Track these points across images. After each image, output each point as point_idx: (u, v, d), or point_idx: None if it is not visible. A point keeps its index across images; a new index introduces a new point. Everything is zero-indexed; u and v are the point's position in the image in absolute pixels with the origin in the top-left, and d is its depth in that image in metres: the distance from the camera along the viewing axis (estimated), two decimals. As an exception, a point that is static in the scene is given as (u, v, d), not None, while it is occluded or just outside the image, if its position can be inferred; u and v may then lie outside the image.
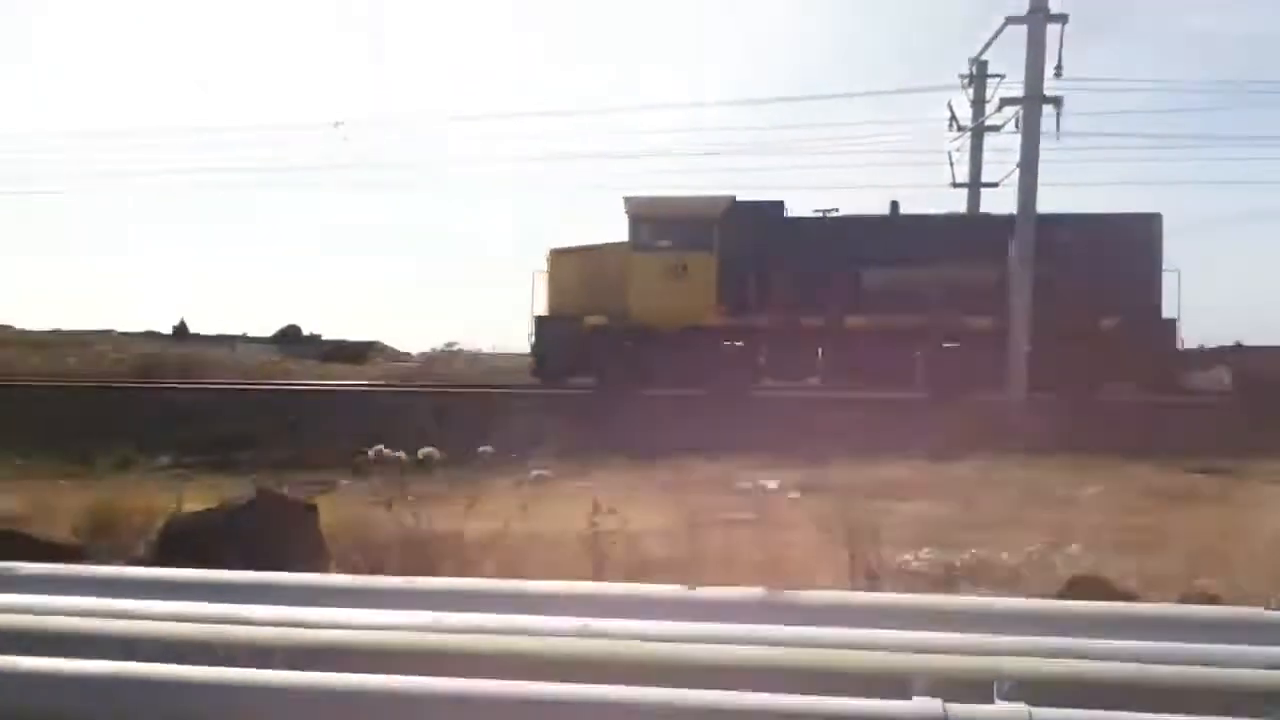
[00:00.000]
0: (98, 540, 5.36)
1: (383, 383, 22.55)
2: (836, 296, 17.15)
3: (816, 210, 18.55)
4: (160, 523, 5.44)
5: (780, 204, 18.54)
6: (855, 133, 46.38)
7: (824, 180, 64.95)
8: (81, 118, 64.83)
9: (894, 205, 18.74)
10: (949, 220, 19.34)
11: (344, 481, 8.77)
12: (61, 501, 6.60)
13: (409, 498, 4.80)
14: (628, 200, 18.25)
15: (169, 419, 14.69)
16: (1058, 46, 17.50)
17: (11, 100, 63.84)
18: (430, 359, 28.83)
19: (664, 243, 18.01)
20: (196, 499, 6.27)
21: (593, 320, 17.79)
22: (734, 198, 18.21)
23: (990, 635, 2.47)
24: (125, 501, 6.32)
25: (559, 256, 18.66)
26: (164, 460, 11.75)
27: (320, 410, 15.82)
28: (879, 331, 16.81)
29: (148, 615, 2.54)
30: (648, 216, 18.26)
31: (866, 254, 17.20)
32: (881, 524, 5.42)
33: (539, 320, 18.41)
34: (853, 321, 17.07)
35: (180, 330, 37.61)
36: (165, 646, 2.30)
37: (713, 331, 17.58)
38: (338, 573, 4.08)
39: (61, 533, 5.32)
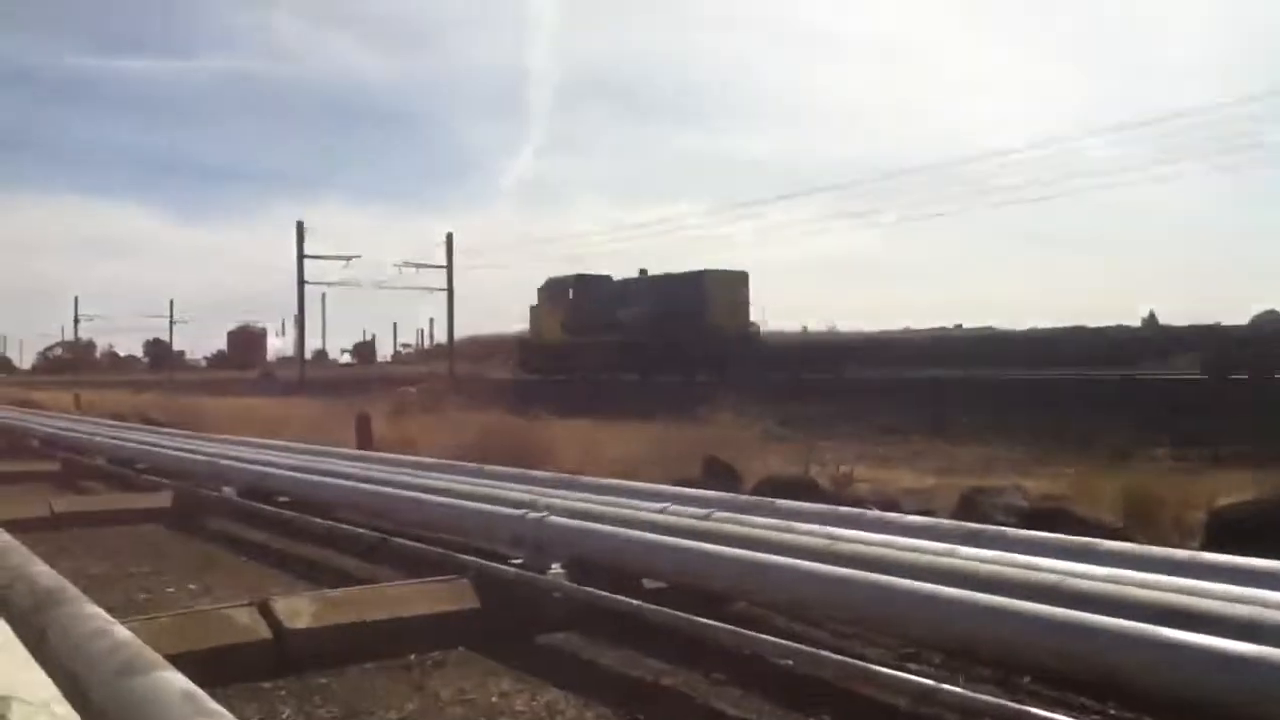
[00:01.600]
0: (1136, 524, 6.18)
1: None
2: (609, 322, 33.56)
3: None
4: (1199, 513, 6.15)
5: (608, 276, 36.65)
6: None
7: None
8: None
9: (642, 271, 35.79)
10: (653, 279, 34.80)
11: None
12: (1095, 487, 7.58)
13: None
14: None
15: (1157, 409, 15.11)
16: None
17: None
18: None
19: (549, 300, 37.38)
20: (1224, 490, 6.74)
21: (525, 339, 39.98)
22: (583, 274, 37.03)
23: None
24: (1154, 489, 7.06)
25: (532, 308, 38.65)
26: (1159, 452, 12.11)
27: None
28: (632, 342, 32.04)
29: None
30: (543, 289, 37.99)
31: (627, 301, 34.23)
32: None
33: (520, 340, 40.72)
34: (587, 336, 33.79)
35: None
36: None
37: (566, 346, 34.87)
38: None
39: (1102, 515, 6.28)
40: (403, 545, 5.71)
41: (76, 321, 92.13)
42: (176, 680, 1.99)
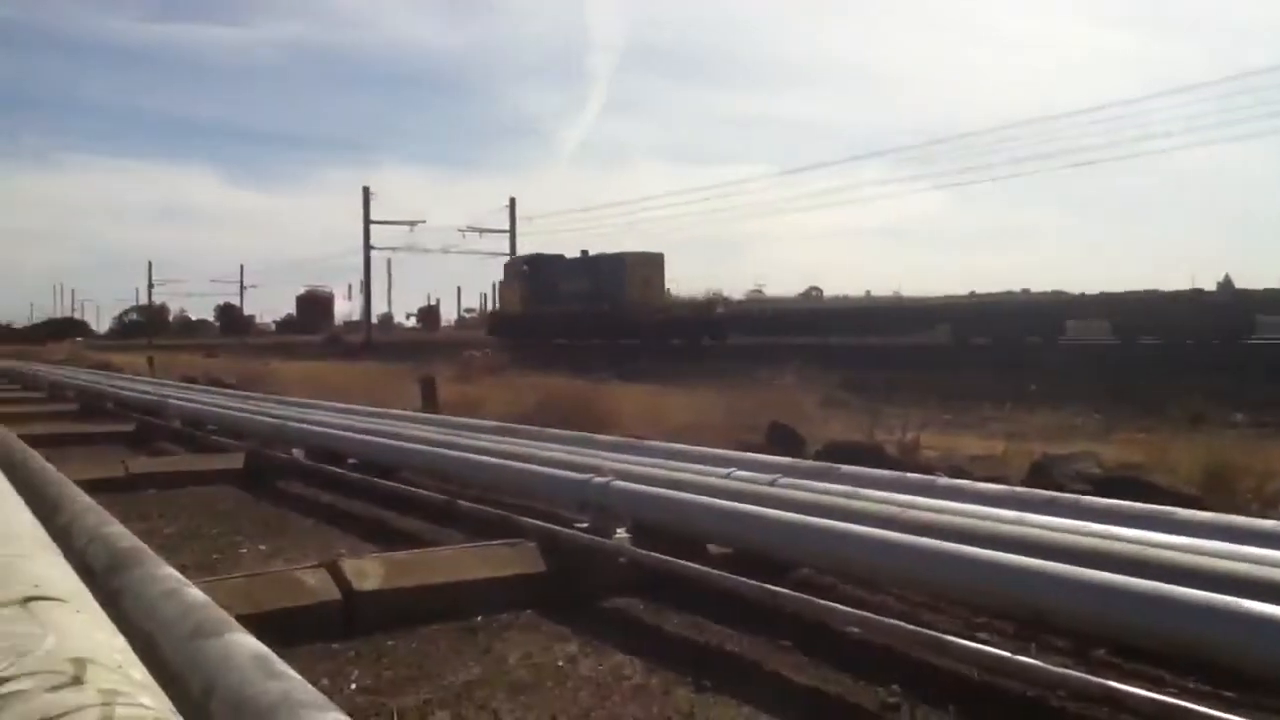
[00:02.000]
0: (1214, 492, 6.01)
1: None
2: (556, 295, 40.80)
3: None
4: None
5: (560, 256, 43.67)
6: None
7: None
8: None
9: (584, 252, 42.62)
10: (586, 259, 41.72)
11: None
12: (1171, 453, 7.40)
13: None
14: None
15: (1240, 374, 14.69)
16: None
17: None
18: None
19: (512, 278, 45.17)
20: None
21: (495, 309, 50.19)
22: (538, 254, 45.27)
23: None
24: (1233, 457, 6.86)
25: (499, 283, 48.50)
26: (1238, 417, 11.75)
27: None
28: (569, 312, 38.82)
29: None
30: (507, 267, 47.04)
31: (567, 278, 41.23)
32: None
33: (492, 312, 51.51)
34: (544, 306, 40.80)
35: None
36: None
37: (524, 316, 41.92)
38: None
39: (1179, 483, 6.11)
40: (468, 508, 5.74)
41: (151, 286, 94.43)
42: (248, 642, 2.00)
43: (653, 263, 40.57)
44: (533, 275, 43.25)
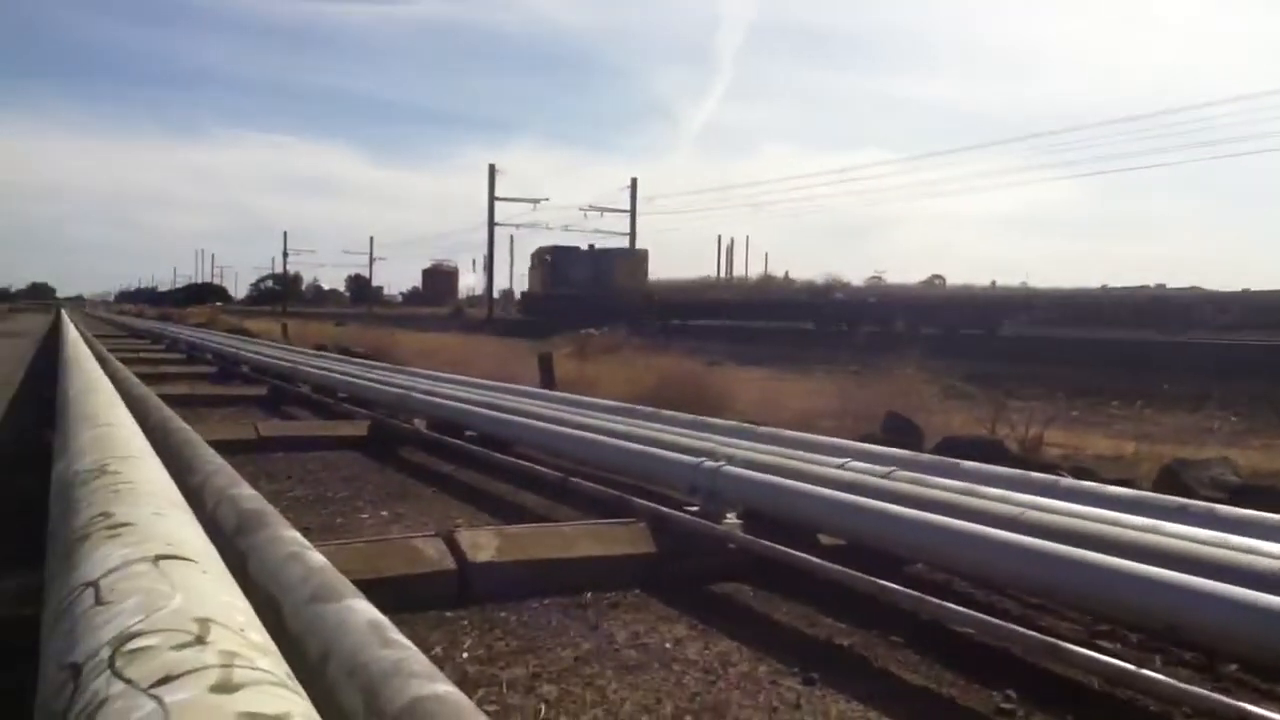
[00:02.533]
0: None
1: None
2: (568, 281, 50.26)
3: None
4: None
5: (575, 247, 53.54)
6: None
7: None
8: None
9: (590, 246, 54.23)
10: (590, 252, 53.00)
11: None
12: None
13: None
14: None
15: None
16: None
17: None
18: None
19: (537, 264, 54.82)
20: None
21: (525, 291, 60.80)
22: (556, 246, 53.77)
23: None
24: None
25: (529, 269, 59.31)
26: None
27: None
28: (574, 295, 46.69)
29: None
30: (534, 255, 56.77)
31: (575, 267, 51.59)
32: None
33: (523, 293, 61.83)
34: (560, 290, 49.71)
35: None
36: None
37: (544, 296, 50.36)
38: None
39: None
40: (580, 485, 5.79)
41: (285, 256, 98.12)
42: (365, 609, 2.05)
43: (638, 258, 54.64)
44: (553, 263, 53.54)
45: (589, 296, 46.03)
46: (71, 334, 16.44)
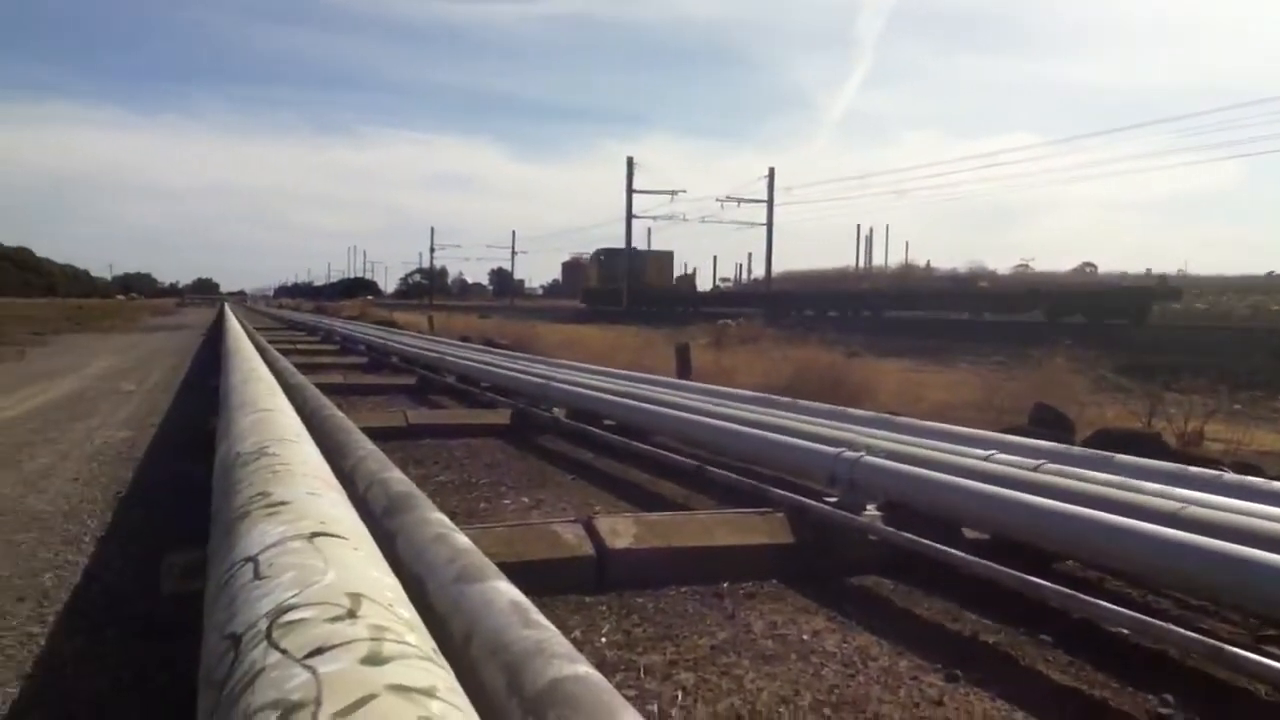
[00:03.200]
0: None
1: None
2: (614, 277, 62.37)
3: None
4: None
5: (620, 249, 63.95)
6: None
7: None
8: None
9: (629, 247, 63.86)
10: (628, 252, 63.59)
11: None
12: None
13: None
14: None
15: None
16: None
17: None
18: None
19: (593, 263, 71.67)
20: None
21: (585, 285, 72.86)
22: (607, 248, 68.88)
23: None
24: None
25: (586, 267, 77.51)
26: None
27: None
28: (616, 290, 59.91)
29: None
30: (592, 256, 73.60)
31: (617, 265, 63.35)
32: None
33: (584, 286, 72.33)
34: (609, 285, 63.21)
35: None
36: None
37: (597, 290, 65.21)
38: None
39: None
40: (717, 474, 5.78)
41: (432, 250, 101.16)
42: (508, 590, 2.09)
43: (664, 258, 67.71)
44: (604, 262, 67.83)
45: (634, 292, 58.88)
46: (234, 327, 17.31)
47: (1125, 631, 3.45)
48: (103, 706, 2.88)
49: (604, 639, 3.46)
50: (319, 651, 1.37)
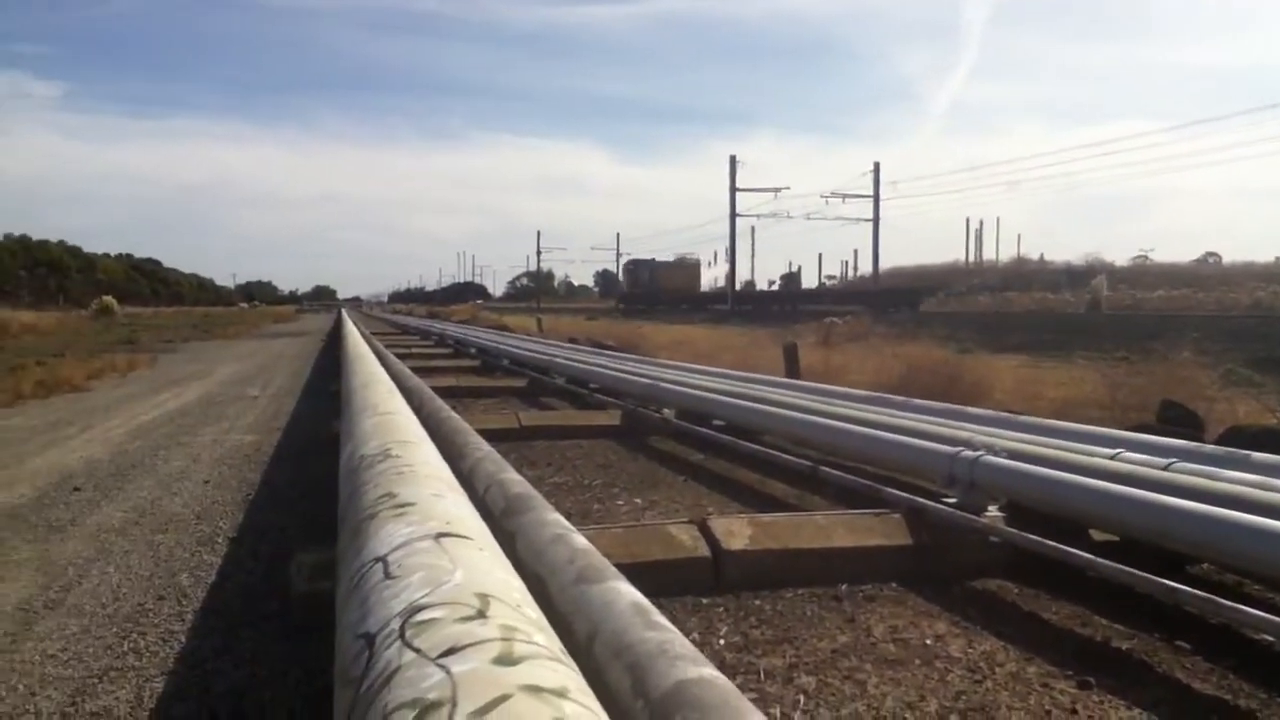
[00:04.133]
0: None
1: None
2: (639, 283, 75.10)
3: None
4: None
5: (648, 259, 78.82)
6: None
7: None
8: None
9: (652, 259, 79.25)
10: (651, 262, 77.82)
11: None
12: None
13: None
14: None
15: None
16: None
17: None
18: None
19: (625, 271, 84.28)
20: None
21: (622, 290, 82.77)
22: (637, 258, 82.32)
23: None
24: None
25: (621, 273, 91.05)
26: None
27: None
28: (644, 293, 70.92)
29: None
30: (625, 264, 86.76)
31: (642, 272, 76.97)
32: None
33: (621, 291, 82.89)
34: (635, 289, 75.49)
35: None
36: None
37: (630, 294, 73.87)
38: None
39: None
40: (830, 474, 5.71)
41: (539, 254, 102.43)
42: (628, 591, 2.09)
43: (687, 265, 77.60)
44: (634, 270, 78.26)
45: (651, 294, 68.65)
46: (352, 332, 17.81)
47: (1270, 639, 3.28)
48: (241, 700, 2.99)
49: (722, 641, 3.45)
50: (452, 651, 1.39)
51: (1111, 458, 5.01)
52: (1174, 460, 4.88)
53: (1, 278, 75.94)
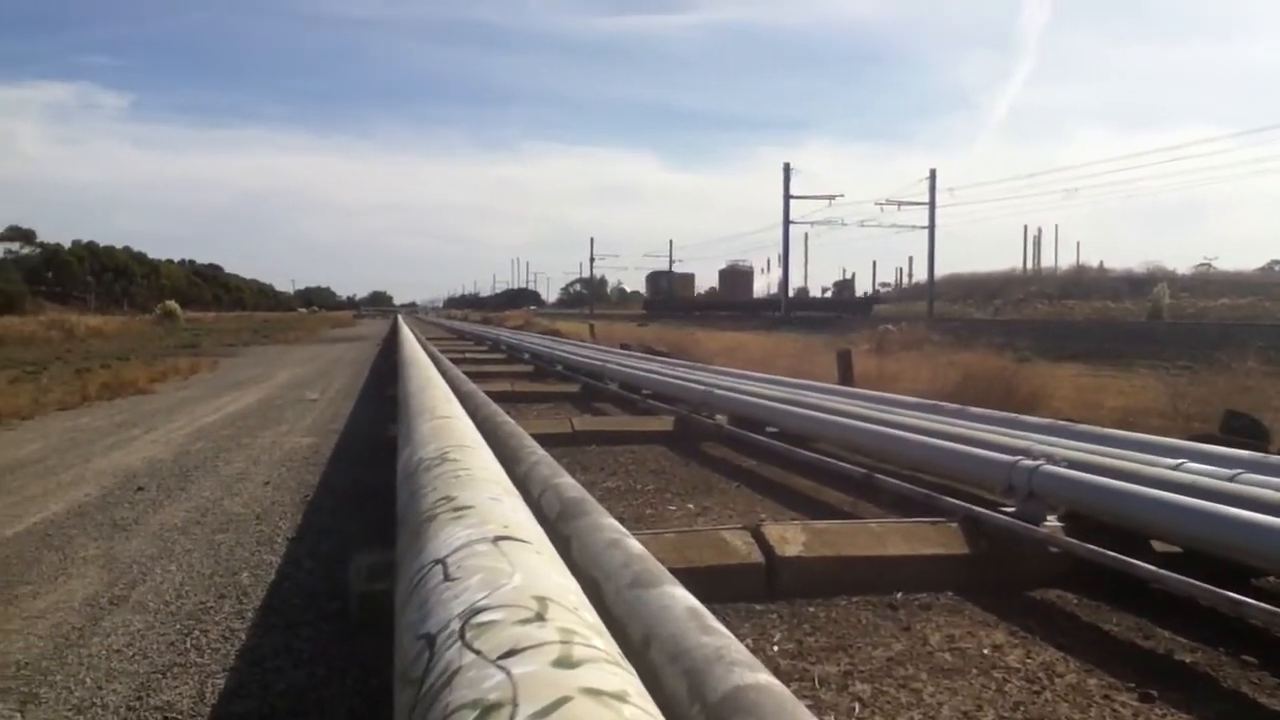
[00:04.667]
0: None
1: None
2: (660, 293, 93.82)
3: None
4: None
5: (670, 271, 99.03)
6: None
7: None
8: None
9: (670, 270, 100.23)
10: (664, 274, 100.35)
11: None
12: None
13: None
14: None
15: None
16: None
17: None
18: None
19: (650, 282, 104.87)
20: None
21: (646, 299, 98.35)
22: (656, 270, 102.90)
23: None
24: None
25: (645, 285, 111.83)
26: None
27: None
28: (660, 301, 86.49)
29: None
30: (648, 277, 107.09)
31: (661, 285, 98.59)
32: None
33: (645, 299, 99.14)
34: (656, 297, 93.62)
35: None
36: None
37: (653, 301, 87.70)
38: None
39: None
40: (884, 482, 5.67)
41: (592, 260, 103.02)
42: (683, 596, 2.09)
43: (687, 278, 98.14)
44: (655, 280, 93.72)
45: (666, 302, 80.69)
46: (408, 337, 18.02)
47: (1340, 654, 3.20)
48: (301, 698, 3.04)
49: (776, 647, 3.43)
50: (512, 653, 1.40)
51: (1174, 468, 4.91)
52: (1240, 471, 4.77)
53: (70, 283, 77.88)
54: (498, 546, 1.98)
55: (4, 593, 4.22)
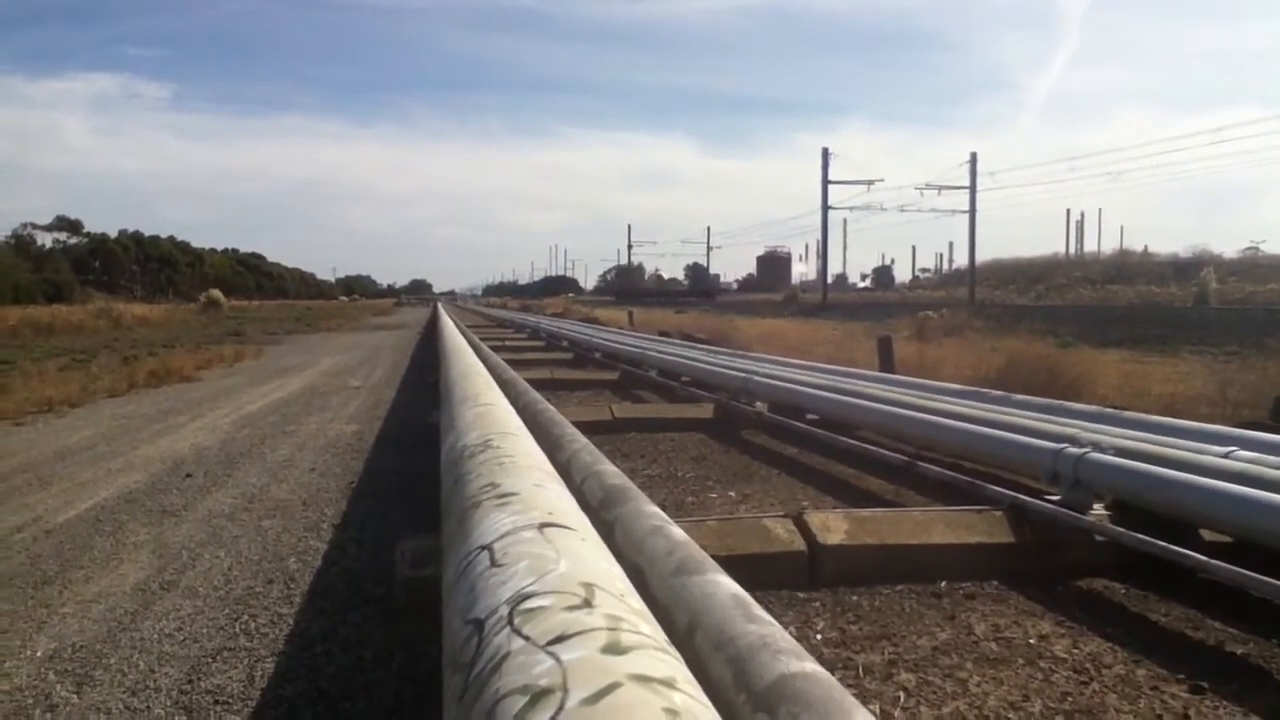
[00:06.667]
0: None
1: None
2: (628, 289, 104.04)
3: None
4: None
5: (625, 265, 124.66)
6: None
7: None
8: None
9: (656, 270, 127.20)
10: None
11: None
12: None
13: None
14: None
15: None
16: None
17: None
18: None
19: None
20: None
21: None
22: (617, 265, 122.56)
23: None
24: None
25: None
26: None
27: None
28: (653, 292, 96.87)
29: None
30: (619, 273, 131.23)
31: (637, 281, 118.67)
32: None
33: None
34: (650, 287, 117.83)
35: None
36: None
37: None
38: None
39: None
40: (927, 469, 5.62)
41: (630, 247, 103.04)
42: (727, 583, 2.09)
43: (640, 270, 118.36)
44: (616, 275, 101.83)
45: (626, 289, 79.27)
46: (448, 325, 18.13)
47: (1398, 647, 3.13)
48: (349, 682, 3.07)
49: (819, 636, 3.43)
50: (560, 639, 1.41)
51: (1224, 456, 4.83)
52: (1293, 459, 4.69)
53: (116, 272, 79.09)
54: (543, 533, 1.98)
55: (59, 577, 4.31)
